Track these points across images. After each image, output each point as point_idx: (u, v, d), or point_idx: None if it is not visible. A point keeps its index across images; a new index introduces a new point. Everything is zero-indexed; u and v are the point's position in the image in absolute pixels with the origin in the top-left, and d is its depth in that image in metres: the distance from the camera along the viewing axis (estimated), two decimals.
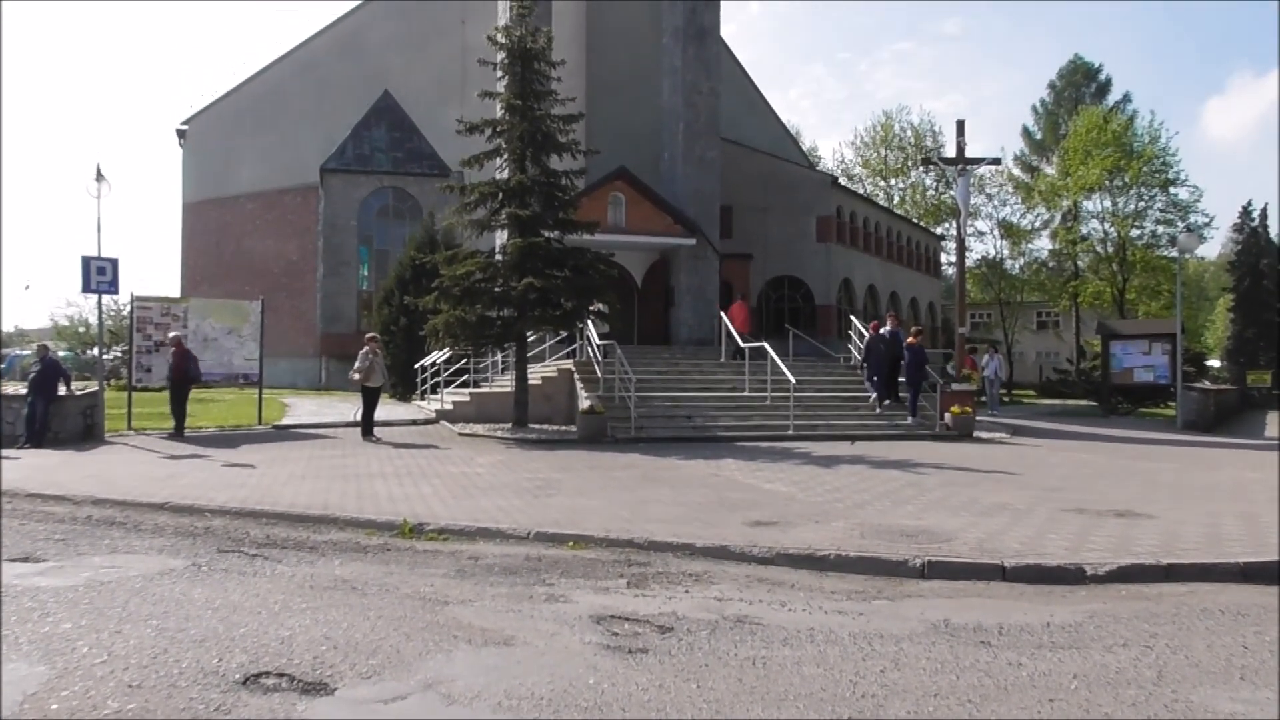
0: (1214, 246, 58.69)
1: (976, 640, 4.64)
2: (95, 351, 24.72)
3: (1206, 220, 38.83)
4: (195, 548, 6.86)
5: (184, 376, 15.08)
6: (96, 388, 15.64)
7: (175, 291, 31.97)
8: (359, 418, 15.67)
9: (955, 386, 17.58)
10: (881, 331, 18.03)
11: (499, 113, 17.08)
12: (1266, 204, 59.63)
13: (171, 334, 15.81)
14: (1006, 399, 31.16)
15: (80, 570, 6.02)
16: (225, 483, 9.93)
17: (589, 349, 17.98)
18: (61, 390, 14.79)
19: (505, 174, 17.00)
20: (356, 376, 15.64)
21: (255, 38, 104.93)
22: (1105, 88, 51.72)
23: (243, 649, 4.32)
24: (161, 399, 16.81)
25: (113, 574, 5.91)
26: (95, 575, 5.87)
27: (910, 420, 16.88)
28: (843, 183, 36.13)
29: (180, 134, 33.30)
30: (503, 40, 16.77)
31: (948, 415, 16.65)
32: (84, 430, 14.74)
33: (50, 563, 6.27)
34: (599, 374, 17.12)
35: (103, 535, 7.35)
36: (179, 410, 15.01)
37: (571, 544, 6.95)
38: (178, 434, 14.83)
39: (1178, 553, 6.42)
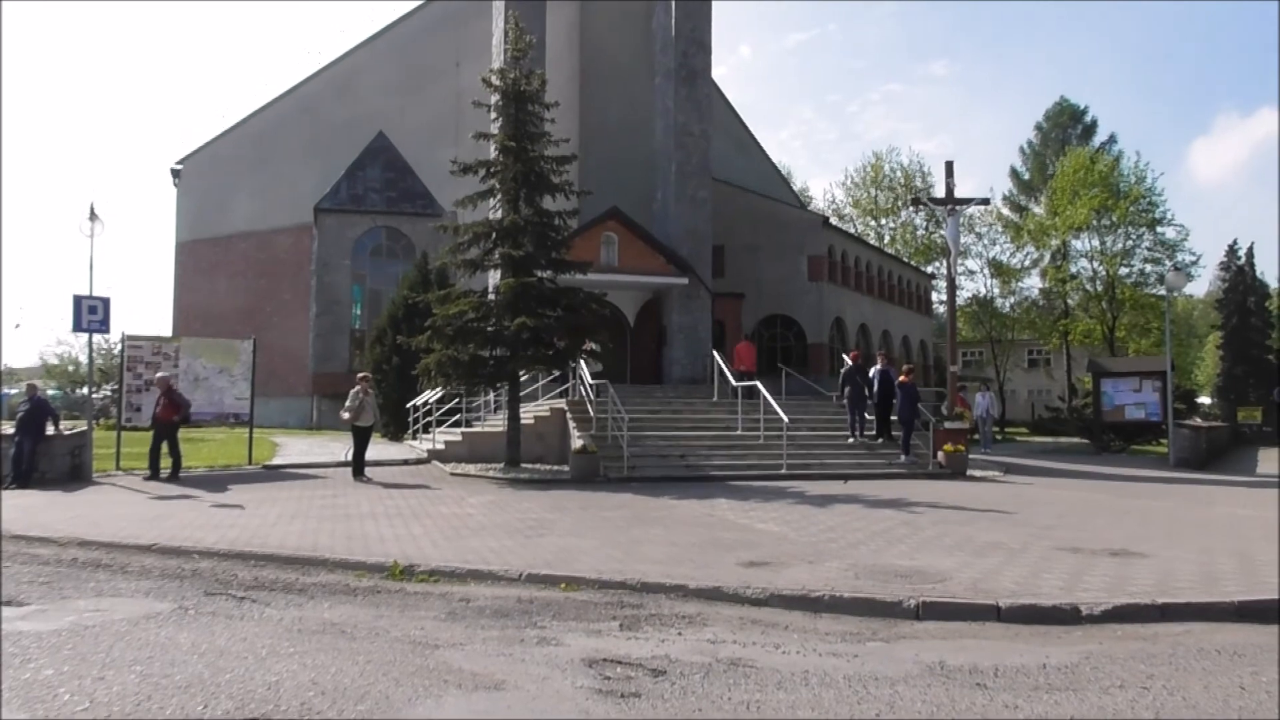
0: (1202, 284, 59.39)
1: (972, 682, 4.60)
2: (85, 390, 24.62)
3: (1194, 259, 39.20)
4: (182, 590, 6.77)
5: (183, 418, 14.93)
6: (85, 427, 15.52)
7: (167, 330, 31.92)
8: (350, 457, 15.58)
9: (948, 424, 17.58)
10: (871, 373, 18.03)
11: (493, 154, 17.23)
12: (1253, 243, 60.29)
13: (158, 374, 15.63)
14: (999, 437, 31.17)
15: (64, 614, 5.93)
16: (214, 524, 9.83)
17: (582, 388, 17.96)
18: (49, 430, 14.65)
19: (499, 214, 17.11)
20: (347, 416, 15.57)
21: (250, 79, 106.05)
22: (1091, 129, 52.49)
23: (228, 695, 4.25)
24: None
25: (97, 618, 5.83)
26: (79, 619, 5.78)
27: (903, 458, 16.86)
28: (834, 222, 36.44)
29: (175, 173, 33.48)
30: (497, 82, 16.99)
31: (941, 453, 16.64)
32: (71, 470, 14.60)
33: (33, 606, 6.18)
34: (592, 413, 17.08)
35: (88, 578, 7.25)
36: (175, 451, 14.82)
37: (564, 585, 6.89)
38: (174, 476, 14.64)
39: (1173, 592, 6.39)
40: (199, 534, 9.03)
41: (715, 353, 21.68)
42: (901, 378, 17.49)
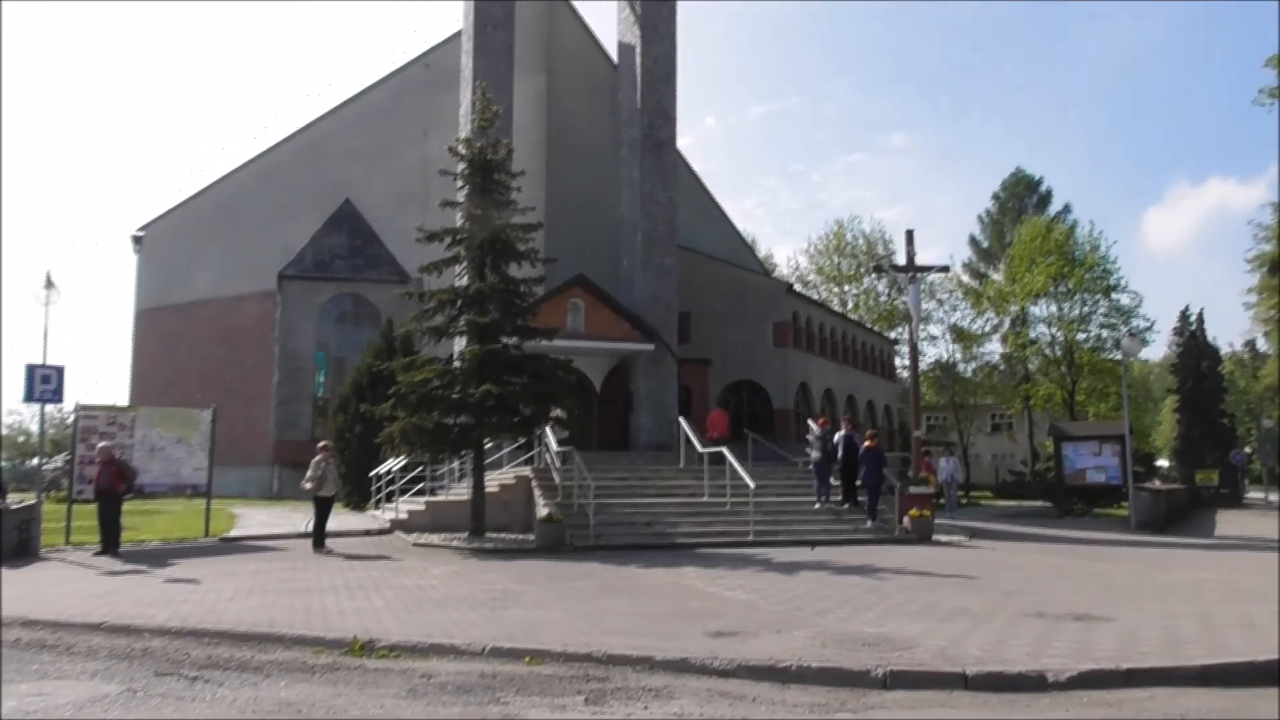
0: (1158, 349, 60.71)
1: None
2: (35, 462, 23.98)
3: (1148, 324, 40.17)
4: (131, 671, 6.53)
5: (114, 490, 14.36)
6: (34, 500, 15.07)
7: (124, 400, 31.26)
8: (310, 528, 15.26)
9: (913, 489, 17.66)
10: (836, 439, 18.10)
11: (459, 221, 17.37)
12: (1203, 309, 62.13)
13: (100, 444, 15.15)
14: (964, 501, 31.34)
15: (4, 700, 5.68)
16: (166, 600, 9.53)
17: (547, 456, 17.84)
18: None
19: (464, 281, 17.18)
20: (308, 486, 15.31)
21: (215, 146, 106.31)
22: (1046, 199, 54.14)
23: None
24: None
25: (39, 703, 5.59)
26: (20, 705, 5.54)
27: (870, 524, 16.87)
28: (798, 289, 37.00)
29: (136, 240, 33.14)
30: (464, 151, 17.22)
31: (906, 518, 16.68)
32: (18, 545, 14.04)
33: None
34: (557, 481, 16.95)
35: (31, 660, 6.97)
36: (115, 525, 14.32)
37: (528, 659, 6.74)
38: (111, 549, 14.13)
39: (1137, 657, 6.40)
40: (150, 611, 8.74)
41: (682, 419, 21.69)
42: (866, 443, 17.59)
